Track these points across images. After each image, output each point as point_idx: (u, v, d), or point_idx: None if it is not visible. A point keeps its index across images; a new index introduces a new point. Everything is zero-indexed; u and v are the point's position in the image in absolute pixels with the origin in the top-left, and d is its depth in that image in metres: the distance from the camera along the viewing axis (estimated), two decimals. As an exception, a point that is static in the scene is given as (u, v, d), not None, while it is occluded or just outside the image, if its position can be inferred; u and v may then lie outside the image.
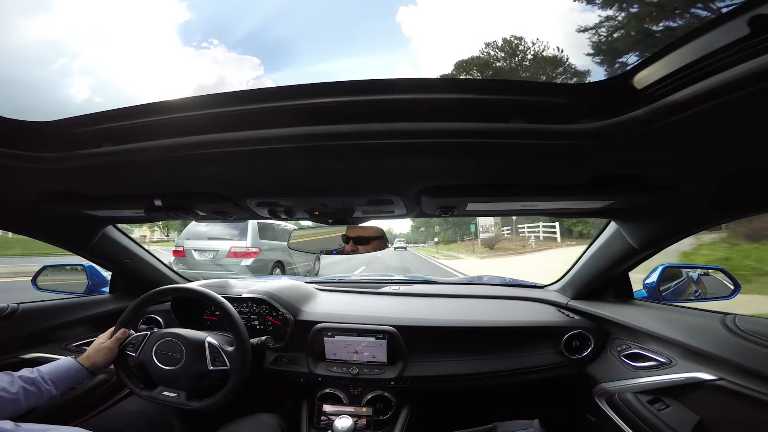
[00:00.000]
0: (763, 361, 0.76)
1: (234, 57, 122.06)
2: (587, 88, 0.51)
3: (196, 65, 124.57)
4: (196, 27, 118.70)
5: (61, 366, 0.92)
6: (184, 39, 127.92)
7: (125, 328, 1.08)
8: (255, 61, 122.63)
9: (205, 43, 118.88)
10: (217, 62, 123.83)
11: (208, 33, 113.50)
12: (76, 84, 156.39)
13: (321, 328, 1.29)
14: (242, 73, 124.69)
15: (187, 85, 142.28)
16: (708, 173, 0.66)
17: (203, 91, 45.83)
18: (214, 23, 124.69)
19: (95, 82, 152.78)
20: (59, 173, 0.75)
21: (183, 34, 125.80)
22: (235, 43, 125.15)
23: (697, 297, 1.23)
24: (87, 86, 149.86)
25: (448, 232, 34.18)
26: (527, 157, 0.63)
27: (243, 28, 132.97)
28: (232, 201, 0.89)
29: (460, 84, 0.52)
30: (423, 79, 0.51)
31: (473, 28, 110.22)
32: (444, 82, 0.53)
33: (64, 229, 1.16)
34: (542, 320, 1.32)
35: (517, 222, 18.95)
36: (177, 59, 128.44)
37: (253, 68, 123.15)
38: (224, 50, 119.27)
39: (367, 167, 0.69)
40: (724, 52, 0.39)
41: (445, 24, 57.25)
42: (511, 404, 1.43)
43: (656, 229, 0.94)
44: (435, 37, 55.24)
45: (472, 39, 37.00)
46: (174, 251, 5.78)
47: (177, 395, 1.00)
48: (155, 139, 0.62)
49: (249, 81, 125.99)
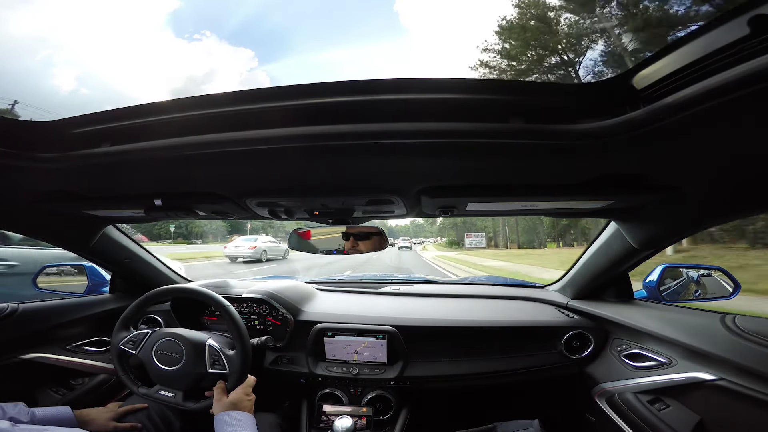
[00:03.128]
0: (763, 361, 0.76)
1: (227, 48, 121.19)
2: (587, 88, 0.51)
3: (187, 57, 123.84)
4: (187, 17, 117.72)
5: (54, 416, 0.95)
6: (176, 30, 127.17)
7: (127, 324, 1.08)
8: (249, 53, 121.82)
9: (197, 35, 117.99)
10: (210, 53, 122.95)
11: (200, 24, 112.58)
12: (60, 75, 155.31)
13: (321, 328, 1.29)
14: (236, 63, 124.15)
15: (177, 77, 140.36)
16: (708, 173, 0.66)
17: (194, 83, 45.54)
18: (205, 13, 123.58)
19: (81, 73, 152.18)
20: (59, 173, 0.75)
21: (174, 25, 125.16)
22: (228, 35, 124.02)
23: (697, 297, 1.23)
24: (73, 77, 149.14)
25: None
26: (527, 157, 0.62)
27: (236, 18, 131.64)
28: (232, 201, 0.89)
29: (460, 84, 0.52)
30: (423, 79, 0.51)
31: (473, 16, 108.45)
32: (444, 82, 0.53)
33: (64, 229, 1.16)
34: (542, 320, 1.32)
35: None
36: (167, 51, 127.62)
37: (247, 60, 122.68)
38: (216, 41, 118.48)
39: (367, 167, 0.69)
40: (724, 52, 0.39)
41: (445, 13, 56.22)
42: (511, 404, 1.43)
43: (656, 229, 0.94)
44: (434, 27, 54.34)
45: (472, 29, 35.77)
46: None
47: (174, 395, 1.00)
48: (155, 139, 0.62)
49: (242, 73, 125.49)
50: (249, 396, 0.95)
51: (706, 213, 0.82)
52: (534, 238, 26.85)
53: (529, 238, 27.27)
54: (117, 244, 1.34)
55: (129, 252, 1.39)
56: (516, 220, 22.66)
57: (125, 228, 1.38)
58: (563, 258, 14.06)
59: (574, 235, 23.29)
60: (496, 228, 30.52)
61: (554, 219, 1.90)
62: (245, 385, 0.96)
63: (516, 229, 28.27)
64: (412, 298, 1.55)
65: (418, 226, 64.85)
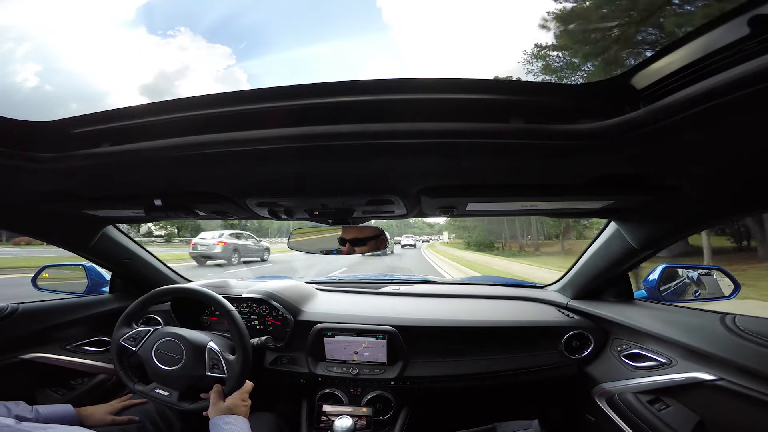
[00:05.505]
0: (763, 361, 0.76)
1: (202, 44, 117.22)
2: (587, 88, 0.51)
3: (159, 52, 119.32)
4: (160, 11, 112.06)
5: (57, 412, 0.96)
6: (148, 25, 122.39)
7: (130, 320, 1.09)
8: (225, 50, 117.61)
9: (171, 31, 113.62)
10: (184, 49, 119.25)
11: (174, 19, 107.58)
12: (23, 71, 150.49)
13: (321, 329, 1.29)
14: (211, 59, 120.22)
15: (147, 72, 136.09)
16: (708, 173, 0.66)
17: (166, 80, 44.66)
18: (180, 7, 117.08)
19: (43, 69, 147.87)
20: (59, 173, 0.75)
21: (146, 19, 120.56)
22: (204, 30, 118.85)
23: (697, 297, 1.22)
24: (33, 73, 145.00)
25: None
26: (527, 157, 0.63)
27: (213, 13, 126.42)
28: (232, 201, 0.89)
29: (460, 84, 0.52)
30: (423, 79, 0.51)
31: (456, 14, 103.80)
32: (444, 82, 0.53)
33: (64, 229, 1.16)
34: (542, 320, 1.32)
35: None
36: (138, 45, 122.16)
37: (224, 56, 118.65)
38: (191, 36, 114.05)
39: (367, 167, 0.69)
40: (724, 52, 0.39)
41: (427, 11, 54.20)
42: (511, 404, 1.43)
43: (656, 229, 0.94)
44: (416, 24, 52.71)
45: (455, 26, 32.85)
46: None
47: (169, 394, 1.01)
48: (155, 139, 0.62)
49: (219, 70, 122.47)
50: (245, 401, 0.95)
51: (706, 213, 0.82)
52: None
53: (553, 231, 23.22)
54: (117, 244, 1.34)
55: (129, 252, 1.39)
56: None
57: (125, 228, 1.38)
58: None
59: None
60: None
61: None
62: (242, 390, 0.96)
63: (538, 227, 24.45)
64: (412, 298, 1.55)
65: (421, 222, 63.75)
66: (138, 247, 1.44)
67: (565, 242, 21.85)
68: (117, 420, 1.05)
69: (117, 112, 0.61)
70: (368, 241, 1.04)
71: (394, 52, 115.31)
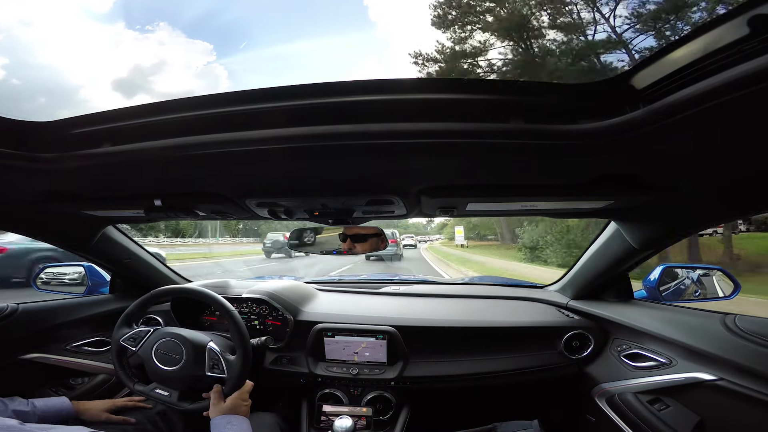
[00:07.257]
0: (763, 361, 0.76)
1: (182, 39, 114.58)
2: (587, 88, 0.51)
3: (134, 46, 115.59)
4: (140, 6, 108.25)
5: (53, 406, 0.97)
6: (127, 21, 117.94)
7: (130, 320, 1.09)
8: (207, 46, 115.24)
9: (150, 26, 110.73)
10: (162, 44, 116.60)
11: (152, 13, 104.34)
12: None
13: (321, 329, 1.29)
14: (191, 55, 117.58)
15: (121, 67, 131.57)
16: (708, 173, 0.66)
17: (141, 74, 42.88)
18: (160, 2, 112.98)
19: (10, 62, 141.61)
20: (59, 173, 0.75)
21: (123, 13, 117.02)
22: (184, 25, 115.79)
23: (697, 297, 1.23)
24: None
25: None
26: (527, 158, 0.63)
27: (192, 10, 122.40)
28: (232, 201, 0.89)
29: (460, 84, 0.52)
30: (423, 79, 0.52)
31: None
32: (444, 82, 0.54)
33: (64, 229, 1.16)
34: (542, 320, 1.32)
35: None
36: (112, 38, 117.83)
37: (205, 52, 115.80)
38: (170, 31, 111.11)
39: (367, 167, 0.69)
40: (724, 52, 0.39)
41: (415, 10, 54.18)
42: (511, 404, 1.43)
43: (656, 229, 0.94)
44: (404, 24, 52.06)
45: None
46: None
47: (169, 394, 1.01)
48: (156, 139, 0.62)
49: (199, 67, 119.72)
50: (245, 401, 0.95)
51: (706, 213, 0.82)
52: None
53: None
54: (117, 245, 1.34)
55: (129, 252, 1.39)
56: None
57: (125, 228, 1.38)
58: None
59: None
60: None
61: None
62: (242, 390, 0.97)
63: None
64: (412, 298, 1.55)
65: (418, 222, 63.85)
66: (138, 248, 1.44)
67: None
68: (111, 418, 1.05)
69: (117, 112, 0.61)
70: (368, 238, 1.04)
71: (380, 50, 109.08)
